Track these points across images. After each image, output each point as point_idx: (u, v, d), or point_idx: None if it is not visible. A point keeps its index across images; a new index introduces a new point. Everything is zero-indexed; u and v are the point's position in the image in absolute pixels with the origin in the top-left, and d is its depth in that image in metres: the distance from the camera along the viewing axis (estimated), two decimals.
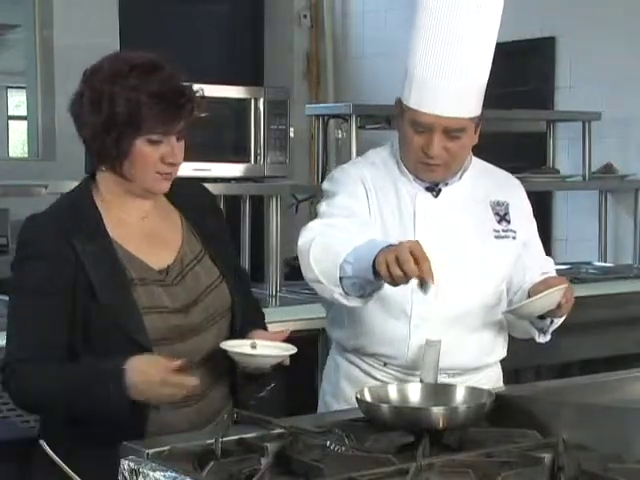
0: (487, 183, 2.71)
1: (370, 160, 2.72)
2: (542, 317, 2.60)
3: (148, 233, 2.34)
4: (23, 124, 7.93)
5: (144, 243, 2.31)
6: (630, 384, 2.48)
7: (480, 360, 2.65)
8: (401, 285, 2.26)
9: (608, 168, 5.34)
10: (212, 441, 1.94)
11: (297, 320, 3.82)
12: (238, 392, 2.44)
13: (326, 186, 2.71)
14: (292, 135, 4.84)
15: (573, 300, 2.55)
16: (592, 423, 2.03)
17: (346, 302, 2.40)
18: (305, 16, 6.85)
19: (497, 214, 2.68)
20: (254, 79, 6.60)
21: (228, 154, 4.72)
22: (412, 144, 2.57)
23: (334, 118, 5.04)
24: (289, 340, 2.38)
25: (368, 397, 2.18)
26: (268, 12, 6.99)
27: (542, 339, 2.68)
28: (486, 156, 2.77)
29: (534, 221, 2.80)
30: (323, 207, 2.64)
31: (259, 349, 2.27)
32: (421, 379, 2.37)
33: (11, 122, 11.83)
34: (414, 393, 2.27)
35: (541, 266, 2.71)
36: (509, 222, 2.68)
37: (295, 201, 5.34)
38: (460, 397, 2.23)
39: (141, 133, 2.21)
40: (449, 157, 2.56)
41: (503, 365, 2.77)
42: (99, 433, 2.19)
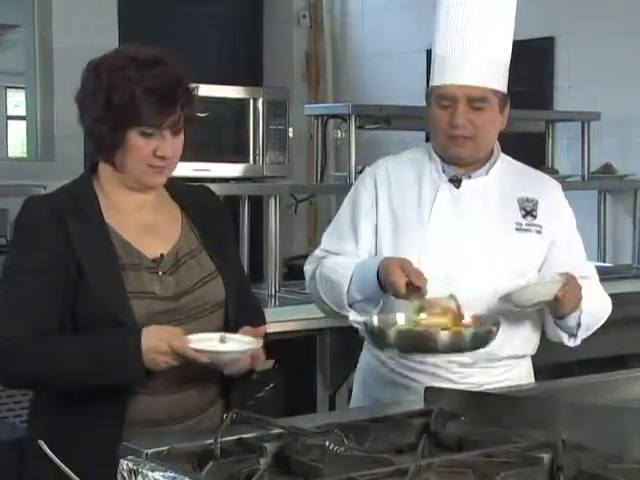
0: (517, 180, 2.75)
1: (400, 156, 2.82)
2: (560, 317, 2.60)
3: (145, 224, 2.36)
4: (22, 124, 7.92)
5: (140, 233, 2.34)
6: (630, 384, 2.48)
7: (493, 351, 2.58)
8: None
9: (607, 168, 5.35)
10: (211, 441, 1.95)
11: (296, 320, 3.82)
12: (232, 391, 2.44)
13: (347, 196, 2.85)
14: (291, 135, 4.84)
15: (578, 298, 2.56)
16: (592, 423, 2.03)
17: (361, 319, 2.57)
18: (304, 16, 6.84)
19: (524, 209, 2.71)
20: (253, 79, 6.59)
21: (227, 154, 4.72)
22: (439, 121, 2.65)
23: (333, 118, 5.04)
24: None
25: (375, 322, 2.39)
26: (267, 12, 6.99)
27: (572, 342, 2.69)
28: None
29: (572, 224, 2.80)
30: (327, 232, 2.85)
31: (228, 343, 2.24)
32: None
33: (10, 122, 11.82)
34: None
35: (576, 269, 2.67)
36: (535, 217, 2.70)
37: (294, 201, 5.35)
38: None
39: (134, 125, 2.25)
40: (475, 130, 2.63)
41: None
42: (80, 420, 2.24)
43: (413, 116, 4.64)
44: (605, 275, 4.86)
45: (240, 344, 2.25)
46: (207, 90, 4.75)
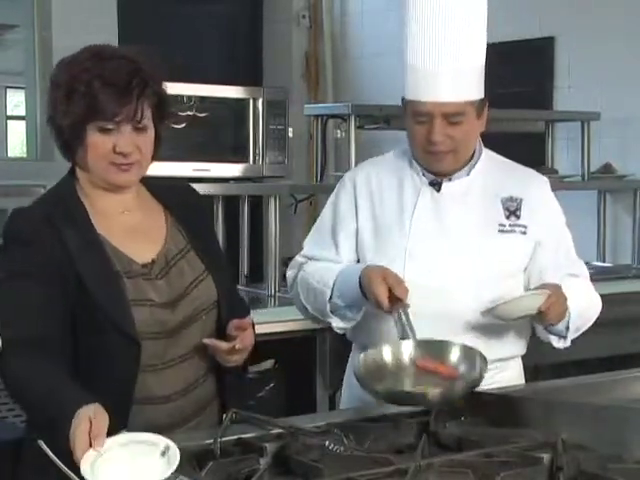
0: (501, 179, 2.70)
1: (381, 161, 2.79)
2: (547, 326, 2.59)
3: (130, 227, 2.33)
4: (22, 124, 7.91)
5: (127, 237, 2.31)
6: (629, 384, 2.48)
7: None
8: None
9: (607, 168, 5.34)
10: (211, 441, 1.95)
11: (295, 320, 3.81)
12: (226, 391, 2.42)
13: (327, 202, 2.81)
14: (291, 135, 4.84)
15: (563, 308, 2.52)
16: (591, 423, 2.03)
17: (343, 325, 2.65)
18: (304, 16, 6.84)
19: (507, 209, 2.66)
20: (253, 79, 6.59)
21: (227, 154, 4.72)
22: (416, 136, 2.60)
23: (333, 118, 5.03)
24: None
25: (363, 368, 2.35)
26: (267, 12, 6.98)
27: (561, 344, 2.65)
28: None
29: (559, 221, 2.75)
30: (307, 238, 2.85)
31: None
32: (401, 337, 2.41)
33: (10, 122, 11.80)
34: (408, 355, 2.38)
35: (563, 267, 2.66)
36: (519, 217, 2.65)
37: (294, 201, 5.34)
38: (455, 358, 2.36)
39: (92, 119, 2.20)
40: (454, 144, 2.57)
41: None
42: None
43: None
44: (605, 275, 4.89)
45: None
46: (207, 90, 4.78)
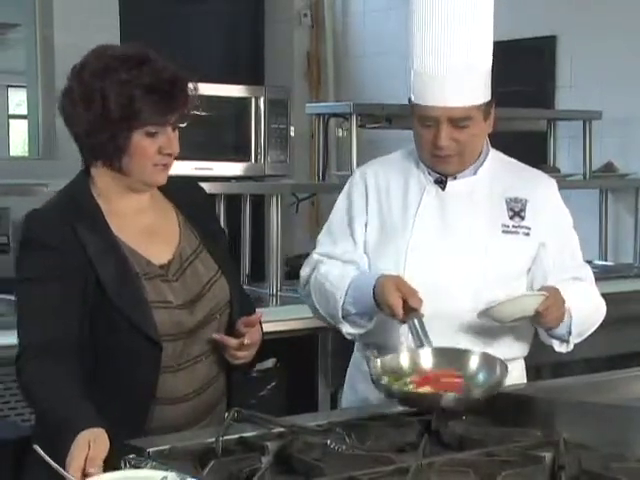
0: (507, 179, 2.69)
1: (389, 160, 2.78)
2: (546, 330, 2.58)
3: (145, 228, 2.34)
4: (24, 123, 7.91)
5: (143, 238, 2.32)
6: (631, 383, 2.48)
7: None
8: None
9: (609, 167, 5.34)
10: (213, 440, 1.95)
11: (297, 319, 3.81)
12: (234, 390, 2.45)
13: (339, 197, 2.82)
14: (292, 134, 4.84)
15: (560, 312, 2.51)
16: (593, 422, 2.03)
17: (354, 331, 2.64)
18: (305, 15, 6.83)
19: (511, 210, 2.65)
20: (254, 78, 6.58)
21: (229, 153, 4.73)
22: (422, 139, 2.60)
23: (335, 117, 5.03)
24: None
25: (380, 370, 2.32)
26: (268, 11, 6.98)
27: (563, 349, 2.64)
28: None
29: (565, 223, 2.73)
30: (321, 233, 2.81)
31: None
32: (417, 345, 2.41)
33: (12, 121, 11.81)
34: (426, 362, 2.36)
35: (567, 270, 2.65)
36: (523, 218, 2.64)
37: (296, 200, 5.34)
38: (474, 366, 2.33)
39: (137, 126, 2.21)
40: (460, 147, 2.57)
41: None
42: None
43: None
44: (606, 274, 4.89)
45: None
46: (209, 89, 4.78)
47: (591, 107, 5.27)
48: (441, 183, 2.65)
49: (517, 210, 2.65)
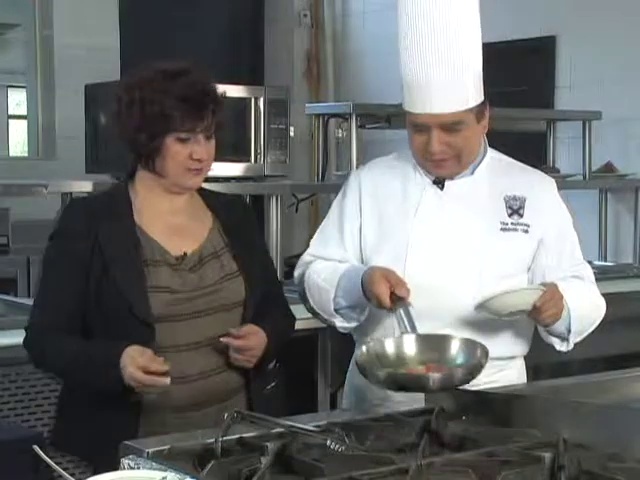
0: (505, 178, 2.69)
1: (388, 158, 2.79)
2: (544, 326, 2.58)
3: (174, 225, 2.54)
4: (23, 123, 7.93)
5: (168, 233, 2.52)
6: (630, 383, 2.48)
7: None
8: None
9: (608, 167, 5.35)
10: (212, 440, 1.95)
11: (297, 319, 3.81)
12: (252, 382, 2.60)
13: (334, 200, 2.84)
14: (292, 134, 4.84)
15: (558, 308, 2.50)
16: (592, 422, 2.03)
17: (347, 325, 2.67)
18: (305, 15, 6.85)
19: (510, 207, 2.65)
20: (254, 78, 6.59)
21: (228, 153, 4.71)
22: (415, 145, 2.60)
23: (334, 117, 5.03)
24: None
25: (366, 356, 2.35)
26: (268, 11, 6.99)
27: (564, 347, 2.64)
28: None
29: (565, 222, 2.73)
30: (314, 237, 2.82)
31: None
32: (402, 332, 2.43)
33: (11, 121, 11.84)
34: (409, 347, 2.39)
35: (567, 268, 2.65)
36: (521, 216, 2.64)
37: (295, 200, 5.34)
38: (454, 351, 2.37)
39: (170, 131, 2.43)
40: (454, 151, 2.57)
41: None
42: (97, 408, 2.44)
43: None
44: (606, 274, 4.88)
45: None
46: None
47: (591, 107, 5.27)
48: (439, 183, 2.65)
49: (516, 208, 2.65)
